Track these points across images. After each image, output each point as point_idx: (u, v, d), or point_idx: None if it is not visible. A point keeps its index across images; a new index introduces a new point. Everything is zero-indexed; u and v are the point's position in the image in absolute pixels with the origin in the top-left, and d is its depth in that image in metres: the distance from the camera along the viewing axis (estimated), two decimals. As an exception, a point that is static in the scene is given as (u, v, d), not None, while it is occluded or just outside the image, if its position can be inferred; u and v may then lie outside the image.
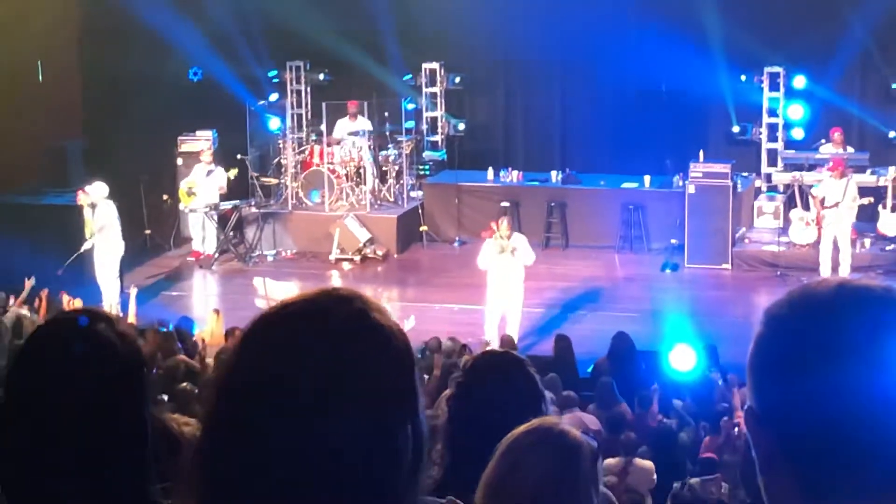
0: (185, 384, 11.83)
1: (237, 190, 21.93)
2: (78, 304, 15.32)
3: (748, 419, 1.88)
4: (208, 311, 16.93)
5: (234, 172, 21.44)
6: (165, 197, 21.92)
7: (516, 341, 15.47)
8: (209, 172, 21.17)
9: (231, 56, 22.44)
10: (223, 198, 21.37)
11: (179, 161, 22.35)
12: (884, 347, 1.75)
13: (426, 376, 12.33)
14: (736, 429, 11.11)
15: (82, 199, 18.46)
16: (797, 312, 1.84)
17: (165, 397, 11.60)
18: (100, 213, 18.41)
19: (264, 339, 1.89)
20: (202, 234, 21.45)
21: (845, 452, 1.75)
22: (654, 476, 10.59)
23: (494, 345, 15.31)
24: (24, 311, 15.30)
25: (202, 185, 21.13)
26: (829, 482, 1.77)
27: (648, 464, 10.67)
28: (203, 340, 15.01)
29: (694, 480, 10.21)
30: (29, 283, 15.91)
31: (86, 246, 18.45)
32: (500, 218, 17.25)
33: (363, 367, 1.83)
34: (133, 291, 17.60)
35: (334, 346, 1.83)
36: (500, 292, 16.66)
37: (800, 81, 21.97)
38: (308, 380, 1.80)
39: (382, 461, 1.84)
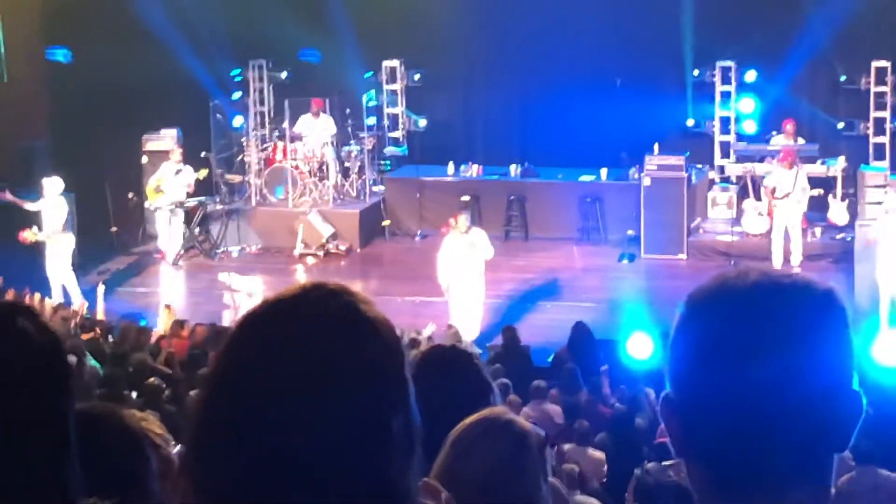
0: (152, 379, 12.07)
1: (202, 187, 22.11)
2: (48, 303, 15.57)
3: (664, 406, 1.88)
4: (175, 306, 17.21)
5: (203, 173, 21.56)
6: (131, 195, 22.01)
7: (477, 333, 15.76)
8: (178, 171, 21.34)
9: (194, 54, 22.57)
10: (188, 195, 21.58)
11: (144, 159, 22.48)
12: (797, 344, 1.77)
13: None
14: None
15: (28, 236, 18.51)
16: (717, 303, 1.84)
17: (134, 394, 11.89)
18: (59, 211, 18.63)
19: (254, 336, 1.87)
20: (168, 231, 21.64)
21: (754, 446, 1.77)
22: (605, 468, 10.72)
23: (459, 331, 15.72)
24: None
25: (170, 182, 21.30)
26: (738, 473, 1.79)
27: (599, 455, 10.87)
28: (160, 336, 15.25)
29: (651, 465, 10.33)
30: None
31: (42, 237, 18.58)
32: (458, 214, 17.49)
33: (355, 360, 1.83)
34: (101, 288, 17.85)
35: (325, 340, 1.83)
36: (460, 286, 17.00)
37: (751, 76, 22.29)
38: (300, 375, 1.80)
39: (377, 451, 1.83)
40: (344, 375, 1.81)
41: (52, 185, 18.69)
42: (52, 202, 18.66)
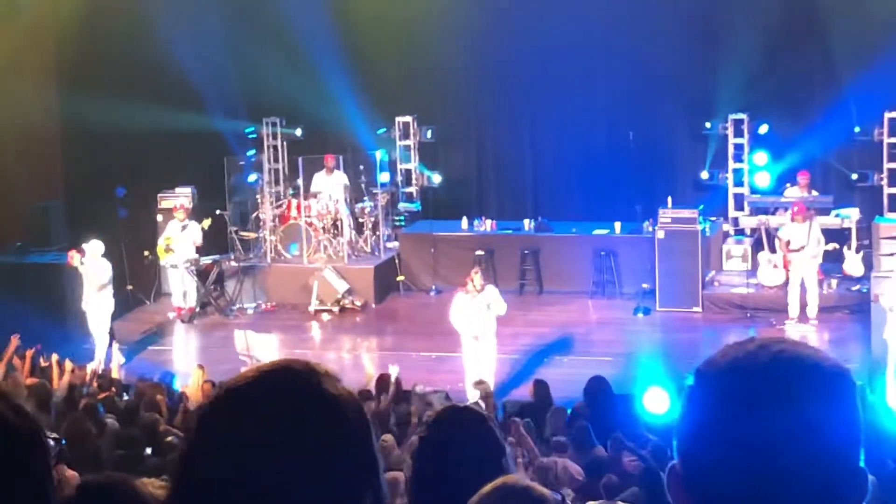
0: (170, 438, 12.04)
1: (217, 244, 22.20)
2: (67, 365, 15.54)
3: (670, 477, 1.89)
4: (190, 364, 17.20)
5: (207, 222, 21.58)
6: (146, 253, 22.10)
7: (492, 388, 15.70)
8: (184, 227, 21.43)
9: (208, 111, 22.73)
10: (202, 251, 21.63)
11: (159, 217, 22.62)
12: (805, 423, 1.79)
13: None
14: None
15: (75, 259, 18.73)
16: (727, 379, 1.85)
17: (149, 450, 11.87)
18: (100, 271, 18.71)
19: (220, 419, 1.89)
20: (183, 289, 21.69)
21: None
22: None
23: (472, 398, 15.63)
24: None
25: (178, 240, 21.40)
26: None
27: None
28: (185, 394, 15.25)
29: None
30: (14, 342, 15.83)
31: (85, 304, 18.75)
32: (474, 272, 17.42)
33: (320, 442, 1.84)
34: (116, 346, 17.88)
35: (287, 422, 1.84)
36: (474, 343, 16.95)
37: (763, 128, 22.34)
38: (267, 460, 1.81)
39: None
40: (311, 459, 1.83)
41: (93, 248, 18.72)
42: (93, 265, 18.70)
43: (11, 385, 13.34)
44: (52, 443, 2.27)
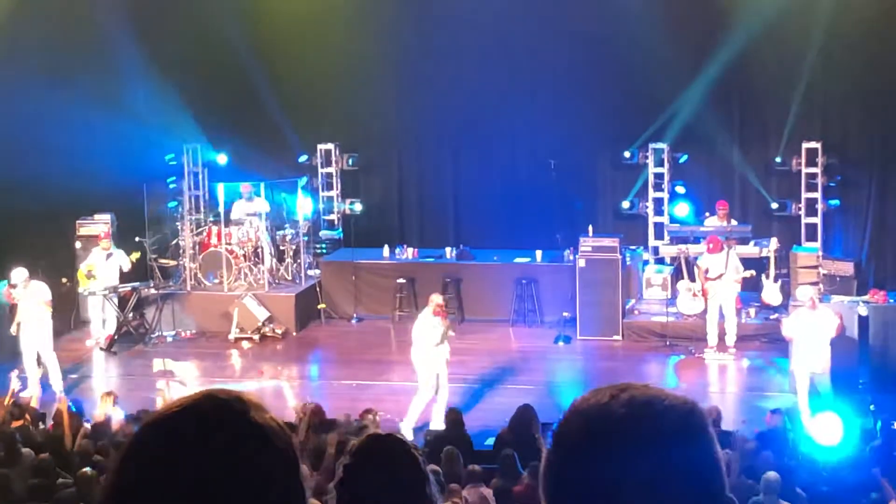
0: (86, 469, 11.88)
1: (136, 272, 21.99)
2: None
3: None
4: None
5: (135, 256, 21.42)
6: (64, 280, 21.89)
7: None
8: (109, 255, 21.25)
9: (128, 138, 22.59)
10: (122, 279, 21.45)
11: (78, 244, 22.40)
12: (671, 458, 1.83)
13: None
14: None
15: (13, 293, 18.41)
16: (585, 439, 1.87)
17: (70, 480, 11.72)
18: (39, 290, 18.42)
19: (145, 450, 1.89)
20: (102, 317, 21.48)
21: None
22: None
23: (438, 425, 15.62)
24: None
25: (102, 268, 21.19)
26: None
27: None
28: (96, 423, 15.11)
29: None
30: None
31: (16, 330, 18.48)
32: (441, 299, 17.12)
33: (246, 471, 1.84)
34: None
35: (215, 454, 1.84)
36: (438, 370, 16.78)
37: (683, 158, 22.56)
38: (191, 489, 1.82)
39: None
40: (238, 490, 1.83)
41: (19, 276, 18.41)
42: (30, 288, 18.40)
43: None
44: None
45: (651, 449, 1.82)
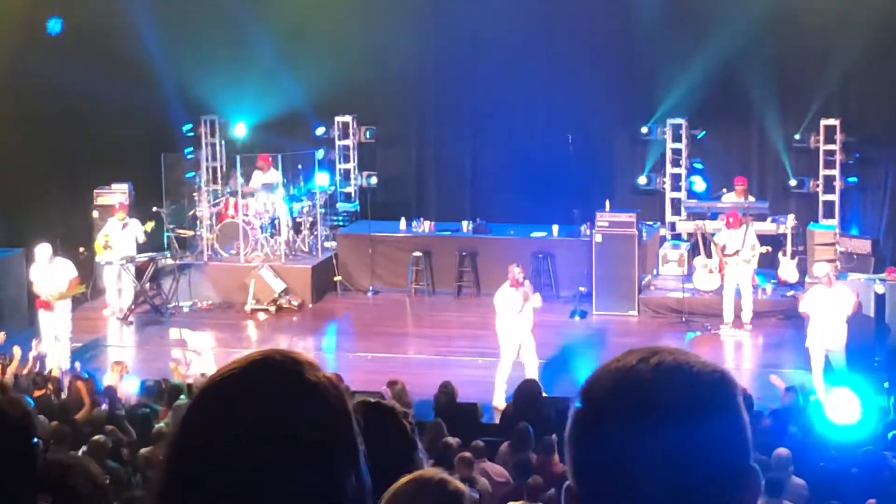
0: (97, 437, 11.94)
1: (153, 242, 22.03)
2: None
3: (566, 497, 1.90)
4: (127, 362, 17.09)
5: (150, 225, 21.46)
6: (82, 249, 21.88)
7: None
8: (124, 225, 21.26)
9: (146, 108, 22.59)
10: (139, 250, 21.48)
11: (95, 214, 22.40)
12: (691, 429, 1.82)
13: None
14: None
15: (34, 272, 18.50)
16: (612, 397, 1.86)
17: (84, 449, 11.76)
18: (66, 267, 18.46)
19: (208, 410, 1.94)
20: (118, 287, 21.50)
21: None
22: None
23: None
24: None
25: (117, 237, 21.21)
26: None
27: None
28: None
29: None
30: None
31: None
32: (518, 270, 17.21)
33: (304, 430, 1.89)
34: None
35: (274, 415, 1.89)
36: (518, 340, 16.82)
37: (700, 134, 22.52)
38: (253, 451, 1.87)
39: None
40: (295, 447, 1.89)
41: (42, 252, 18.41)
42: (57, 267, 18.42)
43: None
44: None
45: (676, 415, 1.81)
